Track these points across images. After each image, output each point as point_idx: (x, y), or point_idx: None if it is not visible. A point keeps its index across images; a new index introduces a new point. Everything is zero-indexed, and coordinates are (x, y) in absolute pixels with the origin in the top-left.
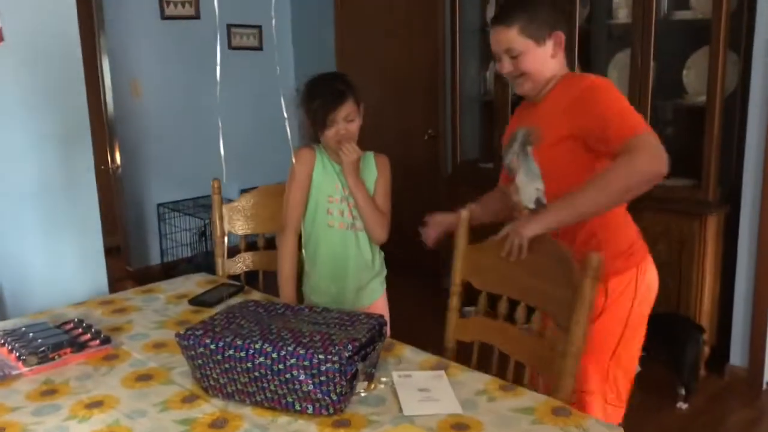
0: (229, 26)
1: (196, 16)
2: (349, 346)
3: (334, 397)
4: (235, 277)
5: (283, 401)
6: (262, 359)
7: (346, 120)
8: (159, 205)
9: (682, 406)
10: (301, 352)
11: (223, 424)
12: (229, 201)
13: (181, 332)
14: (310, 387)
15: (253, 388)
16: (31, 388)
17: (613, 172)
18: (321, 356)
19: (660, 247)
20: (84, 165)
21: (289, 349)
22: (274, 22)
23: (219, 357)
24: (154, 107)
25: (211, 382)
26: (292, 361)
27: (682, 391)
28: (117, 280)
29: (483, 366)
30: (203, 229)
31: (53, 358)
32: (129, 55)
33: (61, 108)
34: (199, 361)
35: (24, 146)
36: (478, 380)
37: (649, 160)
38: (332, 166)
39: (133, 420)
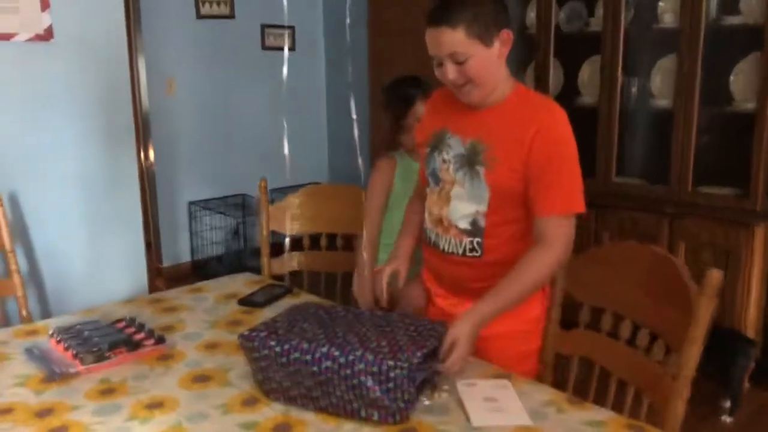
0: (263, 26)
1: (231, 16)
2: (418, 353)
3: (402, 405)
4: (278, 277)
5: (349, 407)
6: (329, 363)
7: (419, 122)
8: (190, 203)
9: (727, 419)
10: (370, 357)
11: (287, 429)
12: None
13: (245, 333)
14: (378, 393)
15: (317, 393)
16: (89, 387)
17: (534, 268)
18: (390, 362)
19: (705, 256)
20: (127, 162)
21: (357, 354)
22: (348, 20)
23: (284, 360)
24: (187, 105)
25: (273, 386)
26: (360, 366)
27: (727, 404)
28: (148, 278)
29: (581, 381)
30: (236, 227)
31: (109, 357)
32: (164, 53)
33: (107, 105)
34: (262, 364)
35: (69, 142)
36: (543, 391)
37: (564, 253)
38: (412, 167)
39: (196, 423)
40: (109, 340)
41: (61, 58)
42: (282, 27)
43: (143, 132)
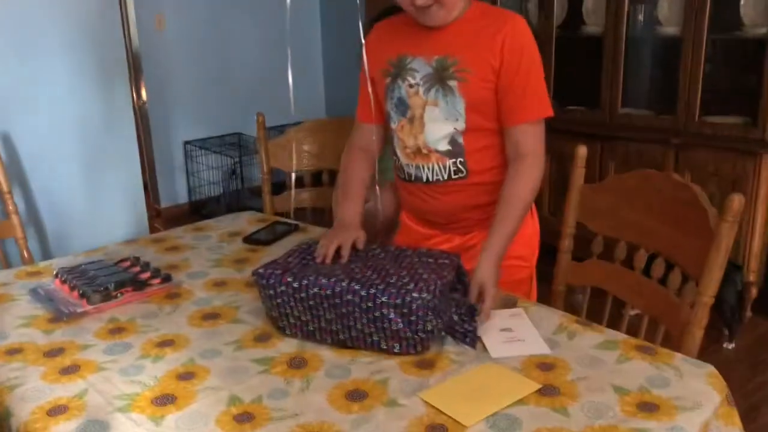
0: None
1: None
2: (439, 283)
3: (423, 335)
4: (281, 215)
5: (369, 340)
6: (349, 297)
7: None
8: (186, 142)
9: (728, 346)
10: (393, 290)
11: (302, 363)
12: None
13: (260, 270)
14: (400, 326)
15: (337, 326)
16: (97, 327)
17: (523, 188)
18: (414, 294)
19: (710, 186)
20: (122, 100)
21: (380, 287)
22: None
23: (303, 295)
24: (179, 42)
25: (291, 320)
26: (383, 299)
27: (726, 332)
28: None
29: (594, 311)
30: (233, 167)
31: (115, 296)
32: None
33: (97, 41)
34: (278, 300)
35: (61, 80)
36: (552, 315)
37: (543, 162)
38: None
39: (209, 360)
40: (115, 279)
41: None
42: None
43: (134, 70)
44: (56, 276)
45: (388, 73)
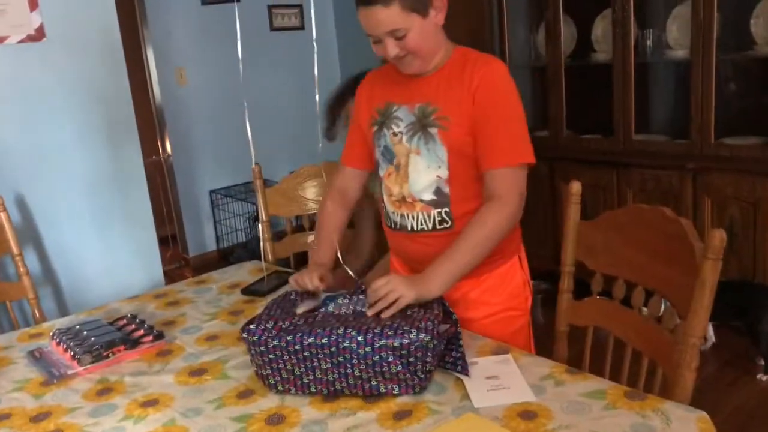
0: (270, 7)
1: None
2: (436, 322)
3: (422, 375)
4: (285, 260)
5: (367, 385)
6: (346, 344)
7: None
8: (211, 191)
9: (762, 377)
10: (390, 333)
11: (280, 419)
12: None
13: (249, 328)
14: (399, 368)
15: (333, 375)
16: (86, 388)
17: (486, 228)
18: (413, 335)
19: (731, 210)
20: (132, 156)
21: (377, 331)
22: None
23: (297, 347)
24: (200, 94)
25: (284, 375)
26: (381, 342)
27: (761, 362)
28: (176, 269)
29: (596, 352)
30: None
31: (107, 356)
32: (172, 43)
33: (106, 101)
34: (271, 356)
35: (73, 142)
36: (542, 365)
37: (517, 207)
38: None
39: (189, 419)
40: (106, 339)
41: (56, 56)
42: (289, 6)
43: (159, 125)
44: (52, 337)
45: (375, 121)
